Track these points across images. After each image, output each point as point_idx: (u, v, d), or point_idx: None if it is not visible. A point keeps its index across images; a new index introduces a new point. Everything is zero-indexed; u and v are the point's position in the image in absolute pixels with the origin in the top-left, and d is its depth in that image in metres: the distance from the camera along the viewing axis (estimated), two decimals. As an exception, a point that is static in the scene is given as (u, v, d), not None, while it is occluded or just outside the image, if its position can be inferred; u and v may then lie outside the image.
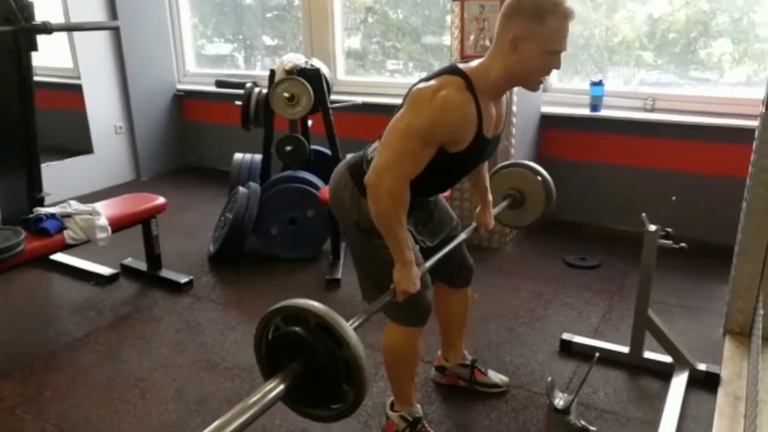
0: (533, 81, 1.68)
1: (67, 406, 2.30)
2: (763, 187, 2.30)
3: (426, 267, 1.80)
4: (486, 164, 2.08)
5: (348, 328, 1.27)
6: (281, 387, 1.24)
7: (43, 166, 3.25)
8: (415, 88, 1.67)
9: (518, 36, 1.58)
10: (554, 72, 3.95)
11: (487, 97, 1.68)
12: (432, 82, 1.63)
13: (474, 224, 2.15)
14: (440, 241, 2.00)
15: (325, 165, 3.77)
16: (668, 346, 2.35)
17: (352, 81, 4.65)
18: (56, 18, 4.25)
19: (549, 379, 1.22)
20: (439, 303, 2.15)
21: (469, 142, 1.66)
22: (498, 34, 1.63)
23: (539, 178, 2.29)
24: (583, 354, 2.52)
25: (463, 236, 2.04)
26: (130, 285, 3.29)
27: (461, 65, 1.69)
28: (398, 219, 1.64)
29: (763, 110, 2.27)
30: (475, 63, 1.69)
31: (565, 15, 1.56)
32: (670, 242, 2.23)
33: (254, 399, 1.20)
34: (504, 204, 2.28)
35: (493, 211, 2.19)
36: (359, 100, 4.01)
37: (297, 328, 1.28)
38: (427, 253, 1.93)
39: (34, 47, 2.96)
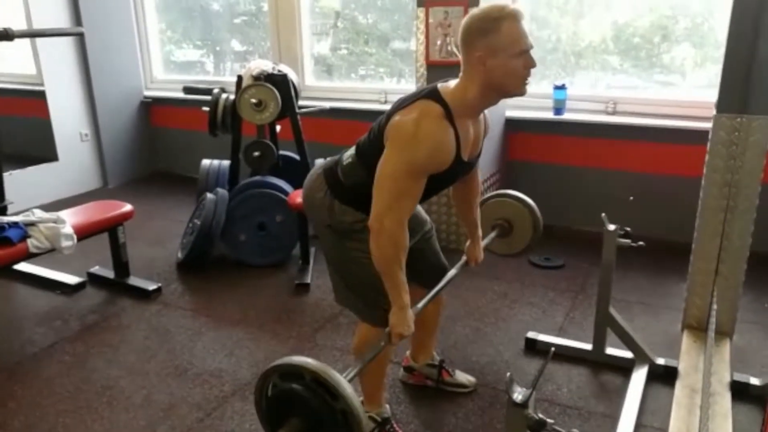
0: (516, 86, 1.67)
1: (32, 417, 2.27)
2: (716, 187, 2.38)
3: (419, 308, 1.86)
4: (477, 202, 2.16)
5: (342, 380, 1.33)
6: None
7: (6, 174, 3.20)
8: (395, 121, 1.66)
9: (482, 55, 1.61)
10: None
11: (465, 117, 1.71)
12: (412, 114, 1.63)
13: (464, 259, 2.23)
14: (412, 244, 2.03)
15: (293, 170, 3.78)
16: (629, 342, 2.43)
17: (321, 86, 4.67)
18: (18, 24, 4.20)
19: (508, 374, 1.27)
20: (411, 305, 2.18)
21: (448, 166, 1.70)
22: (464, 60, 1.67)
23: (526, 208, 2.41)
24: (548, 352, 2.57)
25: (453, 272, 2.12)
26: (97, 293, 3.26)
27: (440, 86, 1.70)
28: (399, 263, 1.69)
29: (715, 113, 2.35)
30: (453, 83, 1.71)
31: (514, 15, 1.60)
32: (628, 241, 2.31)
33: None
34: (493, 235, 2.40)
35: (483, 242, 2.27)
36: (327, 105, 4.04)
37: (294, 385, 1.33)
38: None
39: (-5, 54, 2.93)
